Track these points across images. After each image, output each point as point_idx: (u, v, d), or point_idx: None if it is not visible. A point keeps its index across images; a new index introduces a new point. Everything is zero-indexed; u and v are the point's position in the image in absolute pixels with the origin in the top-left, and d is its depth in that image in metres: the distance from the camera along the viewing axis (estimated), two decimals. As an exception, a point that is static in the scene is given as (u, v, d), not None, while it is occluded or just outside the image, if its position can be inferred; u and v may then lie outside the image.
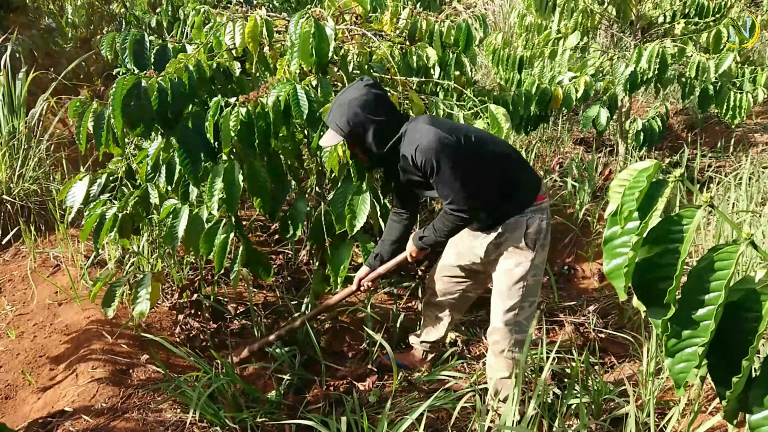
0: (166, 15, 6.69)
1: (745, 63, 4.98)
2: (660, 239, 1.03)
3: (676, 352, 1.00)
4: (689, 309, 0.99)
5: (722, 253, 0.99)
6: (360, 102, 2.27)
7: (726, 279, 0.96)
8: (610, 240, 1.06)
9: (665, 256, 1.02)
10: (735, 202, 3.78)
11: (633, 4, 4.81)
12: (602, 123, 4.14)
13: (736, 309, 0.99)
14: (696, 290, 0.99)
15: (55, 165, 4.49)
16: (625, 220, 1.04)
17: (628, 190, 1.03)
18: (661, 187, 1.04)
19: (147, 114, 2.48)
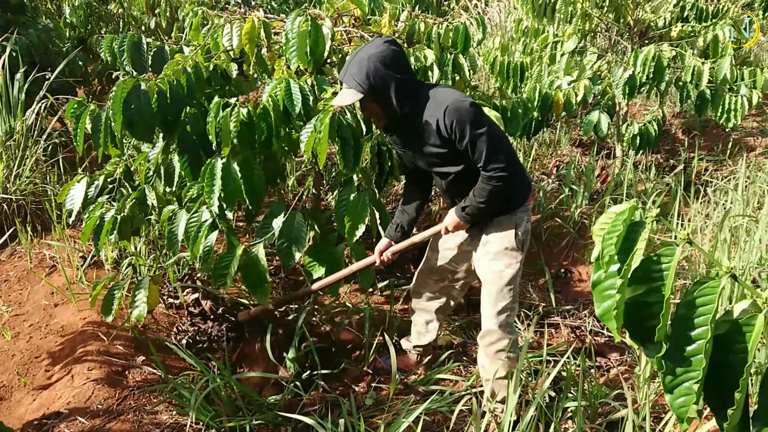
0: (165, 16, 6.69)
1: (742, 65, 4.99)
2: (643, 279, 1.05)
3: (674, 387, 1.01)
4: (680, 345, 1.00)
5: (705, 289, 1.00)
6: (380, 57, 2.17)
7: (711, 314, 0.98)
8: (597, 283, 1.09)
9: (650, 295, 1.04)
10: (732, 206, 3.79)
11: (630, 8, 4.82)
12: (603, 129, 4.15)
13: (723, 342, 1.01)
14: (683, 327, 1.00)
15: (52, 165, 4.48)
16: (607, 264, 1.06)
17: (606, 235, 1.05)
18: (639, 228, 1.06)
19: (147, 117, 2.47)
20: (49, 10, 7.35)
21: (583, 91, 4.03)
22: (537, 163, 5.37)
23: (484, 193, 2.27)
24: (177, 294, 3.32)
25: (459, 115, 2.15)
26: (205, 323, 3.18)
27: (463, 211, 2.35)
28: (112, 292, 2.73)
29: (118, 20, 6.85)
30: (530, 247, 4.14)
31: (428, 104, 2.23)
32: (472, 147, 2.20)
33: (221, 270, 2.58)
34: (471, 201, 2.32)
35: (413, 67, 3.27)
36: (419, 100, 2.24)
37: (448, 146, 2.25)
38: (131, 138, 2.72)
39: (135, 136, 2.56)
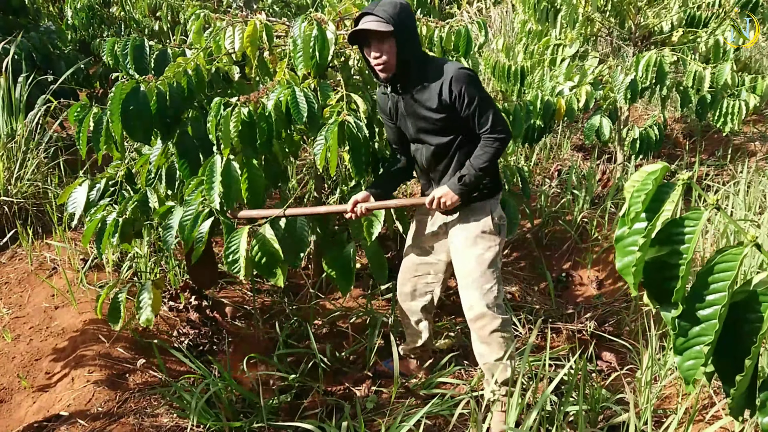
0: (166, 19, 6.70)
1: (742, 71, 5.00)
2: (667, 240, 1.05)
3: (684, 350, 1.02)
4: (695, 308, 1.01)
5: (727, 255, 1.01)
6: (407, 8, 2.27)
7: (730, 280, 0.99)
8: (620, 239, 1.10)
9: (673, 256, 1.05)
10: (733, 210, 3.79)
11: (632, 13, 4.83)
12: (605, 134, 4.15)
13: (739, 310, 1.01)
14: (702, 290, 1.01)
15: (53, 168, 4.48)
16: (632, 221, 1.08)
17: (635, 192, 1.06)
18: (669, 189, 1.07)
19: (145, 119, 2.47)
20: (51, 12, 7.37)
21: (584, 96, 4.03)
22: (538, 168, 5.37)
23: (486, 157, 2.33)
24: (178, 295, 3.32)
25: (467, 82, 2.26)
26: (206, 326, 3.19)
27: (459, 182, 2.37)
28: (117, 298, 2.73)
29: (119, 23, 6.87)
30: (530, 250, 4.16)
31: (432, 67, 2.32)
32: (480, 111, 2.30)
33: (232, 255, 2.52)
34: (469, 169, 2.35)
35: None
36: (425, 61, 2.34)
37: (445, 112, 2.31)
38: (131, 140, 2.72)
39: (133, 137, 2.56)
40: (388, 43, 2.23)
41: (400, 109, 2.42)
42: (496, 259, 2.47)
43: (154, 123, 2.58)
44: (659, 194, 1.06)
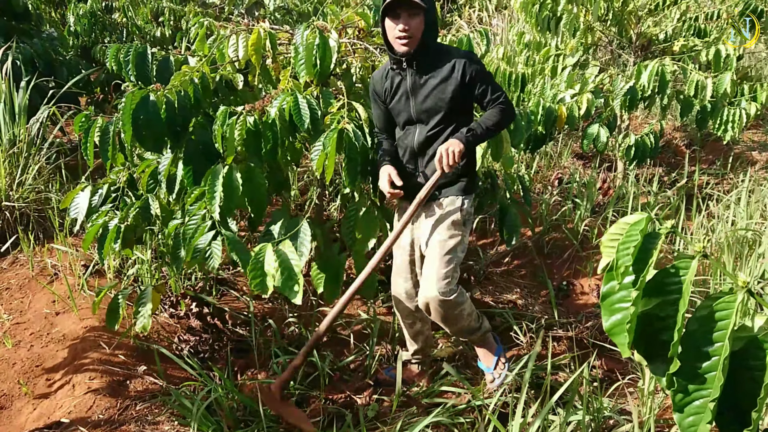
0: (169, 25, 6.72)
1: (743, 80, 5.02)
2: (657, 291, 1.01)
3: (684, 406, 0.98)
4: (693, 362, 0.97)
5: (721, 303, 0.97)
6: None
7: (728, 329, 0.95)
8: (608, 295, 1.05)
9: (664, 308, 1.01)
10: (734, 219, 3.79)
11: (633, 22, 4.85)
12: (602, 142, 4.17)
13: (739, 358, 0.97)
14: (698, 342, 0.97)
15: (55, 173, 4.49)
16: (622, 275, 1.03)
17: (621, 245, 1.02)
18: (655, 239, 1.04)
19: (156, 127, 2.48)
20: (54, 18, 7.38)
21: (585, 104, 4.05)
22: (538, 176, 5.38)
23: (496, 118, 2.52)
24: (179, 302, 3.32)
25: (480, 64, 2.50)
26: (207, 333, 3.18)
27: (468, 133, 2.47)
28: (117, 300, 2.72)
29: (121, 29, 6.88)
30: (531, 259, 4.17)
31: (445, 51, 2.51)
32: (492, 88, 2.52)
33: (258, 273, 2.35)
34: (478, 125, 2.50)
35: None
36: (439, 45, 2.54)
37: (456, 91, 2.46)
38: (140, 149, 2.73)
39: (144, 146, 2.56)
40: (417, 19, 2.37)
41: (405, 87, 2.52)
42: (457, 247, 2.55)
43: (165, 131, 2.58)
44: (646, 245, 1.03)
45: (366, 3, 3.30)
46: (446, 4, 8.68)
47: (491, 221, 4.44)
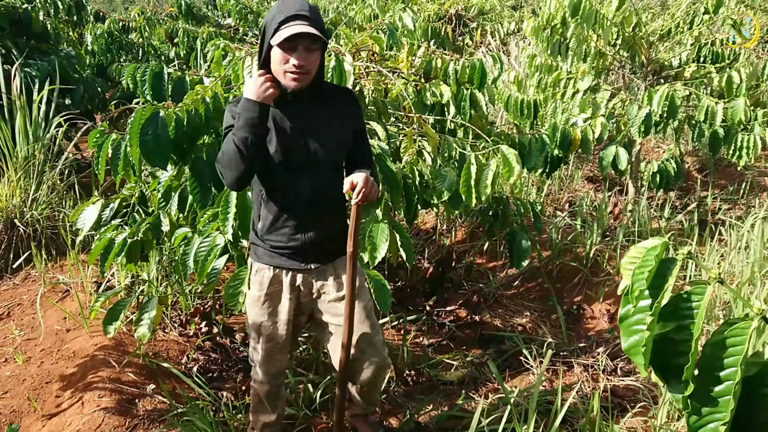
0: (183, 45, 6.81)
1: (755, 106, 5.01)
2: (672, 316, 1.04)
3: (698, 428, 1.00)
4: (707, 385, 0.99)
5: (735, 329, 0.99)
6: None
7: (741, 355, 0.97)
8: (625, 318, 1.07)
9: (679, 332, 1.03)
10: (747, 245, 3.77)
11: (644, 47, 4.87)
12: (622, 164, 4.16)
13: (753, 384, 0.99)
14: (712, 366, 0.99)
15: (68, 190, 4.53)
16: (637, 299, 1.05)
17: (637, 270, 1.04)
18: (671, 264, 1.06)
19: (163, 144, 2.50)
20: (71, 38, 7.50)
21: (599, 128, 4.05)
22: (549, 198, 5.37)
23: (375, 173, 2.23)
24: (189, 321, 3.32)
25: (360, 107, 2.20)
26: (216, 352, 3.18)
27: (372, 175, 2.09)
28: (118, 306, 2.72)
29: (137, 49, 6.98)
30: (541, 283, 4.15)
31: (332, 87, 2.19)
32: (365, 137, 2.21)
33: (234, 289, 2.51)
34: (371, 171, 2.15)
35: (429, 102, 3.31)
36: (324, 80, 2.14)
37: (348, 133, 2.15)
38: (148, 165, 2.75)
39: (150, 162, 2.58)
40: (315, 55, 1.98)
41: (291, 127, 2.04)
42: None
43: (171, 148, 2.61)
44: (661, 270, 1.06)
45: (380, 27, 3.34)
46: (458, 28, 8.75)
47: (501, 244, 4.43)
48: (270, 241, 2.12)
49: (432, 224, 5.04)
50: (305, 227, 2.11)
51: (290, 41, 1.89)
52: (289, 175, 2.06)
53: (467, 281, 4.24)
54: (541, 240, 4.51)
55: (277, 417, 2.42)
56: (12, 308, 3.53)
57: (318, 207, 2.12)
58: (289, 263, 2.15)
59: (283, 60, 1.93)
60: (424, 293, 3.97)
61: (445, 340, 3.53)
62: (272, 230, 2.11)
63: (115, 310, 2.72)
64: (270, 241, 2.12)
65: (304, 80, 1.97)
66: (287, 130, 2.03)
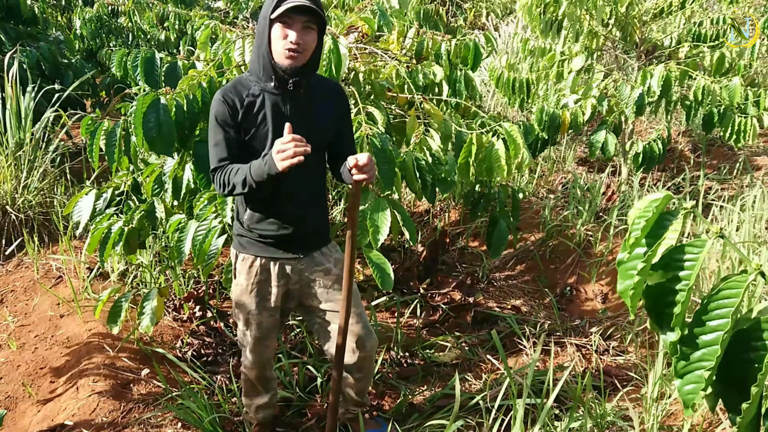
0: (174, 29, 6.75)
1: (749, 85, 5.01)
2: (669, 266, 1.07)
3: (685, 373, 1.04)
4: (697, 333, 1.03)
5: (731, 282, 1.02)
6: None
7: (733, 307, 1.00)
8: (621, 263, 1.12)
9: (675, 282, 1.07)
10: (739, 225, 3.78)
11: (637, 27, 4.85)
12: (610, 150, 4.16)
13: (744, 337, 1.02)
14: (704, 316, 1.03)
15: (60, 177, 4.51)
16: (632, 246, 1.10)
17: (636, 218, 1.09)
18: (672, 217, 1.09)
19: (167, 131, 2.49)
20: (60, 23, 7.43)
21: (590, 109, 4.04)
22: (542, 180, 5.38)
23: None
24: (182, 306, 3.32)
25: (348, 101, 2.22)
26: (210, 336, 3.19)
27: None
28: (119, 302, 2.73)
29: (127, 33, 6.92)
30: (535, 264, 4.16)
31: (321, 78, 2.19)
32: (351, 132, 2.24)
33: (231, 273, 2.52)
34: None
35: (422, 83, 3.29)
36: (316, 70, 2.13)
37: (334, 124, 2.16)
38: (145, 151, 2.73)
39: (154, 150, 2.56)
40: (312, 34, 1.97)
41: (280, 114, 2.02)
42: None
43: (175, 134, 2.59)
44: (661, 221, 1.09)
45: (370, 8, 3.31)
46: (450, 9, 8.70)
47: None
48: (258, 231, 2.12)
49: (425, 207, 5.04)
50: (295, 217, 2.12)
51: (288, 16, 1.91)
52: None
53: (461, 263, 4.25)
54: (534, 222, 4.52)
55: (270, 397, 2.44)
56: (5, 295, 3.52)
57: (307, 196, 2.14)
58: (278, 253, 2.15)
59: (282, 35, 1.93)
60: (418, 275, 3.98)
61: (439, 322, 3.54)
62: (261, 220, 2.11)
63: (117, 306, 2.73)
64: (258, 230, 2.12)
65: (299, 60, 1.96)
66: (283, 117, 2.02)
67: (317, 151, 2.09)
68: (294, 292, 2.24)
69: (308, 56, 1.99)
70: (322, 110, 2.11)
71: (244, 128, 2.03)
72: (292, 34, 1.92)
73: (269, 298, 2.19)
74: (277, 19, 1.92)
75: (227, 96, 2.00)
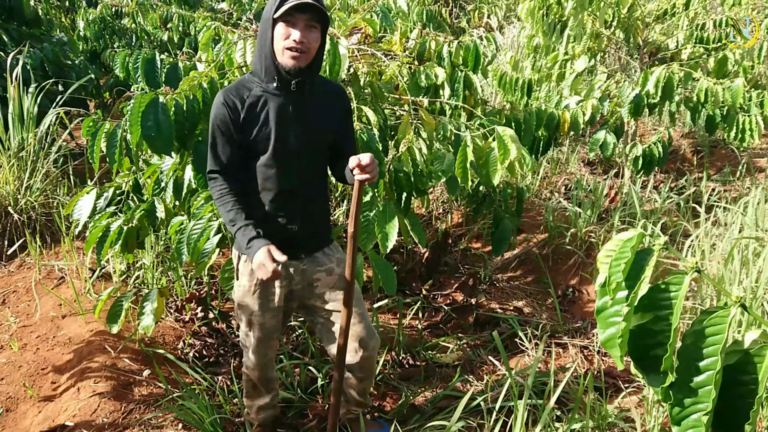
0: (177, 31, 6.76)
1: (752, 87, 5.00)
2: (650, 307, 1.04)
3: (681, 419, 1.00)
4: (687, 376, 0.99)
5: (714, 318, 0.99)
6: None
7: (721, 344, 0.97)
8: (602, 310, 1.07)
9: (657, 323, 1.03)
10: (741, 227, 3.77)
11: (640, 29, 4.84)
12: (609, 149, 4.15)
13: (733, 372, 0.99)
14: (692, 357, 0.99)
15: (62, 177, 4.51)
16: (614, 291, 1.05)
17: (614, 262, 1.04)
18: (647, 255, 1.05)
19: (165, 130, 2.49)
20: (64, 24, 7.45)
21: (590, 110, 4.04)
22: (545, 182, 5.37)
23: None
24: (184, 307, 3.32)
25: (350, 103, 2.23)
26: (212, 337, 3.19)
27: None
28: (119, 302, 2.73)
29: (131, 35, 6.93)
30: (537, 265, 4.15)
31: (324, 79, 2.19)
32: (353, 135, 2.26)
33: (230, 273, 2.51)
34: None
35: (424, 84, 3.29)
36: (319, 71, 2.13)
37: (336, 126, 2.15)
38: (146, 152, 2.73)
39: (153, 149, 2.57)
40: (315, 33, 1.97)
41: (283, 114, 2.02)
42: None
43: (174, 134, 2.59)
44: (638, 262, 1.05)
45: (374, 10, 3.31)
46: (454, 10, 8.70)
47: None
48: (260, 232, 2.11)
49: (428, 208, 5.03)
50: (297, 217, 2.12)
51: (290, 15, 1.91)
52: (283, 165, 2.05)
53: (463, 265, 4.25)
54: (536, 223, 4.51)
55: (271, 398, 2.44)
56: (7, 295, 3.53)
57: (310, 196, 2.15)
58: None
59: (285, 35, 1.93)
60: (421, 277, 3.97)
61: (441, 323, 3.54)
62: (263, 221, 2.10)
63: (117, 305, 2.73)
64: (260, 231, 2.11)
65: (302, 60, 1.96)
66: (286, 118, 2.03)
67: (319, 152, 2.13)
68: (296, 292, 2.24)
69: (311, 56, 1.99)
70: (324, 111, 2.11)
71: (245, 129, 2.02)
72: (295, 32, 1.92)
73: (272, 298, 2.19)
74: (279, 18, 1.92)
75: (228, 98, 2.01)
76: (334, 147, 2.18)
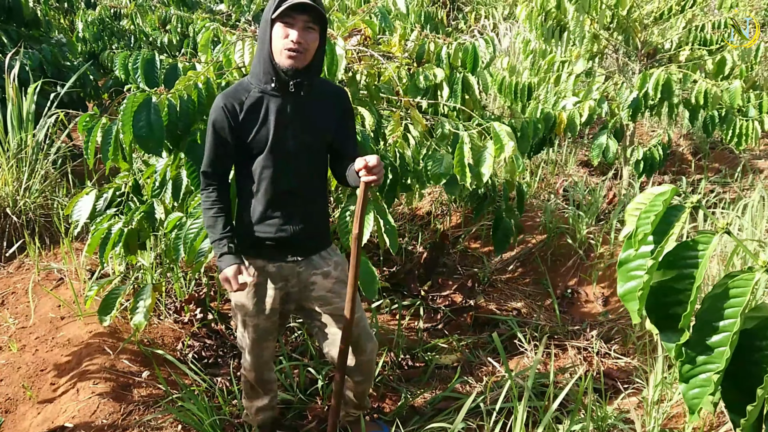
0: (176, 32, 6.76)
1: (750, 89, 5.01)
2: (675, 264, 1.02)
3: (690, 377, 0.99)
4: (703, 335, 0.98)
5: (738, 280, 0.98)
6: None
7: (741, 306, 0.96)
8: (625, 262, 1.06)
9: (680, 281, 1.01)
10: (740, 229, 3.78)
11: (638, 30, 4.85)
12: (611, 154, 4.17)
13: (750, 337, 0.98)
14: (711, 316, 0.98)
15: (61, 178, 4.51)
16: (640, 243, 1.04)
17: (643, 214, 1.03)
18: (678, 212, 1.04)
19: (157, 130, 2.49)
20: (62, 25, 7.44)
21: (587, 111, 4.05)
22: (543, 183, 5.37)
23: None
24: (183, 308, 3.32)
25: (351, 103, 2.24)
26: (211, 339, 3.19)
27: None
28: (113, 294, 2.72)
29: (129, 36, 6.93)
30: (536, 266, 4.16)
31: (323, 80, 2.20)
32: (354, 134, 2.24)
33: None
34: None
35: (422, 85, 3.29)
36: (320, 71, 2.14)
37: (334, 126, 2.14)
38: (140, 151, 2.73)
39: (144, 149, 2.57)
40: (313, 34, 1.97)
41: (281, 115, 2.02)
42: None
43: (165, 134, 2.59)
44: (668, 216, 1.04)
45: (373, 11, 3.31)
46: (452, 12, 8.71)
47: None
48: (257, 233, 2.12)
49: (427, 209, 5.04)
50: (294, 219, 2.12)
51: (289, 15, 1.91)
52: (281, 165, 2.05)
53: (462, 266, 4.25)
54: (535, 224, 4.51)
55: (270, 399, 2.44)
56: (6, 297, 3.53)
57: (307, 198, 2.15)
58: (276, 255, 2.15)
59: (283, 35, 1.94)
60: (419, 278, 3.98)
61: (440, 324, 3.54)
62: (260, 222, 2.10)
63: (110, 298, 2.72)
64: (257, 232, 2.12)
65: (300, 60, 1.96)
66: (284, 119, 2.03)
67: (317, 153, 2.13)
68: (293, 294, 2.24)
69: (310, 57, 1.99)
70: (323, 112, 2.11)
71: (244, 131, 2.03)
72: (293, 33, 1.93)
73: (267, 300, 2.18)
74: (278, 19, 1.93)
75: (227, 101, 2.02)
76: (334, 148, 2.18)
